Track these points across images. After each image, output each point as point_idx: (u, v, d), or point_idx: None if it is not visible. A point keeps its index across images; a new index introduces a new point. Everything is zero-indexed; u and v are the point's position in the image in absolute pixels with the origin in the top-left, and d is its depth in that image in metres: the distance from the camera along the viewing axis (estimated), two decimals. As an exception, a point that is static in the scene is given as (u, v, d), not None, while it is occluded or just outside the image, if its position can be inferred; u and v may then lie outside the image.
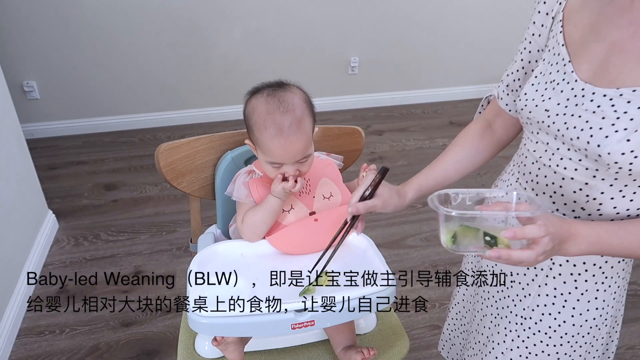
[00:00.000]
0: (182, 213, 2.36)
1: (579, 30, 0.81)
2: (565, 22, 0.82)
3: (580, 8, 0.82)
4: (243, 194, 1.03)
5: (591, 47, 0.78)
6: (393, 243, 2.20)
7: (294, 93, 0.99)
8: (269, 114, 0.95)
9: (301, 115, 0.96)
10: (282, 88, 0.99)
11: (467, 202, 0.78)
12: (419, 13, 3.24)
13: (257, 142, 0.98)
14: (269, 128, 0.94)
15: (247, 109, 1.00)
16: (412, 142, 3.05)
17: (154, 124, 3.17)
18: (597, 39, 0.78)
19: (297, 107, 0.96)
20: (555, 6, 0.85)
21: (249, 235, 1.02)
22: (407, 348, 1.11)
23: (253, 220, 1.01)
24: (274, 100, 0.96)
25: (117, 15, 2.84)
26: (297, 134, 0.95)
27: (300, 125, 0.95)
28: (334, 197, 1.07)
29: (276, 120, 0.94)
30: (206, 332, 0.95)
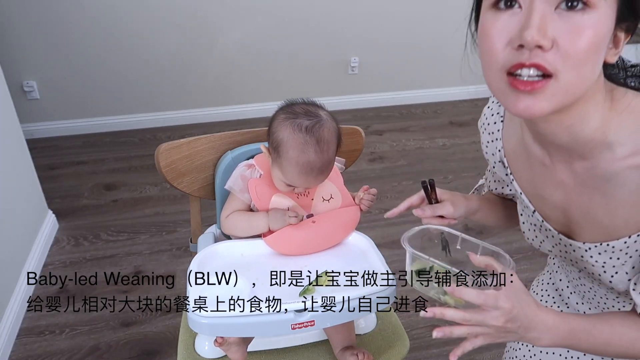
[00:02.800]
0: (182, 213, 2.36)
1: (524, 182, 0.81)
2: (512, 170, 0.83)
3: (515, 160, 0.82)
4: (238, 187, 1.03)
5: (544, 203, 0.79)
6: (393, 243, 2.20)
7: (330, 130, 0.98)
8: (303, 153, 0.95)
9: (332, 155, 0.99)
10: (319, 123, 0.97)
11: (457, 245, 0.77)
12: (419, 13, 3.24)
13: (279, 165, 0.98)
14: (301, 166, 0.95)
15: (281, 134, 0.97)
16: (412, 142, 3.05)
17: (154, 124, 3.17)
18: (543, 197, 0.78)
19: (331, 148, 0.98)
20: (497, 152, 0.85)
21: (226, 231, 1.07)
22: (407, 348, 1.11)
23: (235, 224, 1.04)
24: (312, 140, 0.95)
25: (117, 15, 2.84)
26: (324, 173, 0.99)
27: (329, 165, 0.99)
28: (334, 199, 1.06)
29: (310, 161, 0.95)
30: (206, 332, 0.95)
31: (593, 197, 0.71)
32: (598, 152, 0.67)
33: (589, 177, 0.70)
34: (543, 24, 0.55)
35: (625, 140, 0.65)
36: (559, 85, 0.58)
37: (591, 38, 0.56)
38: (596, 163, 0.68)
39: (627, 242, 0.70)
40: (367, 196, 1.08)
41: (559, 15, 0.56)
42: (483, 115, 0.88)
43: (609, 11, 0.57)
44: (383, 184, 2.57)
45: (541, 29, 0.55)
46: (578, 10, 0.55)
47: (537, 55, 0.56)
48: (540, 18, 0.55)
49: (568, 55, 0.56)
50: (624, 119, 0.65)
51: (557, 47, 0.56)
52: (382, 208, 2.42)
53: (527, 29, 0.55)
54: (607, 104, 0.65)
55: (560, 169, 0.73)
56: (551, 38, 0.56)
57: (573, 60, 0.56)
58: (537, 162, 0.76)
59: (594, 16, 0.56)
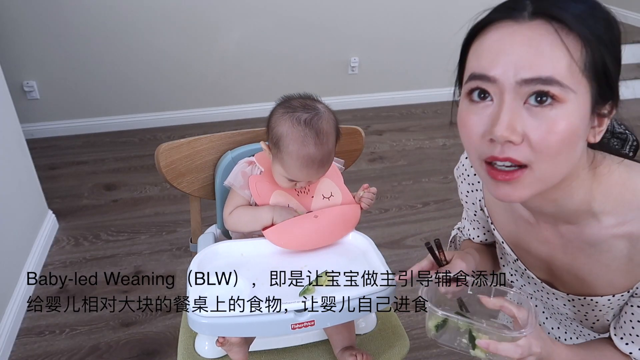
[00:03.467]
0: (182, 213, 2.36)
1: (506, 232, 0.82)
2: (493, 220, 0.83)
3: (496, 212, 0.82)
4: (239, 184, 1.04)
5: (528, 254, 0.79)
6: (393, 243, 2.20)
7: (328, 121, 0.99)
8: (304, 146, 0.95)
9: (332, 147, 0.99)
10: (317, 115, 0.98)
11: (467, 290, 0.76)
12: (419, 13, 3.24)
13: (280, 160, 0.98)
14: (302, 159, 0.96)
15: (280, 129, 0.97)
16: (412, 142, 3.05)
17: (154, 124, 3.17)
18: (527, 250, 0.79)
19: (330, 140, 0.98)
20: (477, 202, 0.86)
21: (229, 227, 1.06)
22: (407, 348, 1.10)
23: (238, 219, 1.03)
24: (311, 133, 0.95)
25: (117, 15, 2.84)
26: (325, 165, 0.99)
27: (330, 157, 0.99)
28: (334, 197, 1.07)
29: (310, 153, 0.95)
30: (206, 332, 0.95)
31: (578, 257, 0.72)
32: (584, 219, 0.68)
33: (574, 239, 0.71)
34: (512, 120, 0.56)
35: (610, 209, 0.66)
36: (535, 175, 0.59)
37: (562, 132, 0.56)
38: (582, 228, 0.69)
39: (610, 299, 0.72)
40: (367, 194, 1.08)
41: (528, 111, 0.56)
42: (461, 165, 0.88)
43: (581, 101, 0.56)
44: (383, 184, 2.57)
45: (510, 126, 0.56)
46: (546, 106, 0.55)
47: (509, 149, 0.57)
48: (509, 114, 0.56)
49: (540, 150, 0.57)
50: (607, 188, 0.66)
51: (528, 141, 0.57)
52: (382, 208, 2.42)
53: (497, 126, 0.56)
54: (589, 174, 0.66)
55: (546, 228, 0.74)
56: (521, 133, 0.56)
57: (545, 153, 0.57)
58: (520, 219, 0.77)
59: (564, 110, 0.56)
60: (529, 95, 0.56)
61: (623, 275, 0.69)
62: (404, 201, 2.47)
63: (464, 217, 0.95)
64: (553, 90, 0.55)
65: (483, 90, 0.59)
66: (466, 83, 0.61)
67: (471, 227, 0.94)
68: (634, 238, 0.66)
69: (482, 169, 0.62)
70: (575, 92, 0.56)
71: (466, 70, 0.62)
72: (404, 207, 2.44)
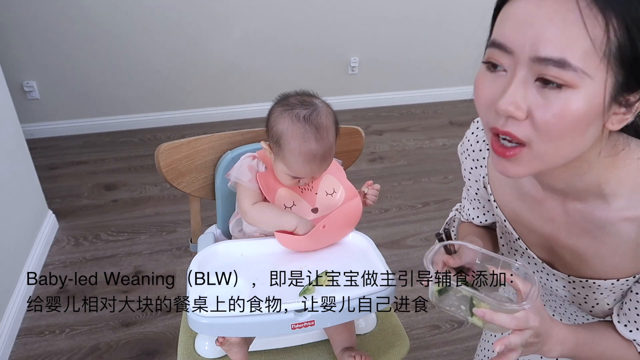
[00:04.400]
0: (182, 213, 2.36)
1: (509, 210, 0.81)
2: (496, 197, 0.82)
3: (500, 189, 0.81)
4: (246, 178, 1.02)
5: (529, 232, 0.79)
6: (393, 243, 2.20)
7: (326, 115, 0.99)
8: (305, 142, 0.95)
9: (333, 140, 0.99)
10: (316, 110, 0.98)
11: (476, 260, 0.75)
12: (419, 13, 3.24)
13: (282, 159, 0.98)
14: (304, 155, 0.96)
15: (280, 127, 0.97)
16: (412, 142, 3.05)
17: (154, 124, 3.17)
18: (529, 228, 0.78)
19: (330, 134, 0.98)
20: (480, 179, 0.85)
21: (249, 221, 1.04)
22: (407, 348, 1.10)
23: (260, 219, 1.02)
24: (311, 128, 0.96)
25: (117, 15, 2.84)
26: (327, 160, 0.99)
27: (331, 151, 0.99)
28: (337, 193, 1.07)
29: (312, 149, 0.95)
30: (206, 332, 0.95)
31: (583, 238, 0.71)
32: (593, 200, 0.67)
33: (581, 219, 0.70)
34: (519, 95, 0.55)
35: (622, 194, 0.65)
36: (533, 153, 0.58)
37: (568, 117, 0.54)
38: (590, 209, 0.68)
39: (614, 283, 0.71)
40: (371, 191, 1.09)
41: (537, 88, 0.55)
42: (467, 141, 0.87)
43: (597, 87, 0.53)
44: (383, 184, 2.55)
45: (514, 102, 0.55)
46: (553, 88, 0.54)
47: (512, 124, 0.57)
48: (517, 89, 0.55)
49: (540, 129, 0.55)
50: (624, 174, 0.64)
51: (532, 119, 0.55)
52: (382, 208, 2.42)
53: (502, 99, 0.55)
54: (608, 160, 0.64)
55: (553, 206, 0.72)
56: (526, 110, 0.55)
57: (546, 135, 0.56)
58: (526, 195, 0.76)
59: (575, 95, 0.53)
60: (540, 75, 0.54)
61: (630, 260, 0.68)
62: (404, 201, 2.48)
63: (464, 197, 0.94)
64: (565, 74, 0.52)
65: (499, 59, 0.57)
66: (487, 48, 0.59)
67: (471, 207, 0.93)
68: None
69: (488, 137, 0.62)
70: (591, 77, 0.53)
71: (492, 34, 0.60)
72: (404, 207, 2.44)
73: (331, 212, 1.04)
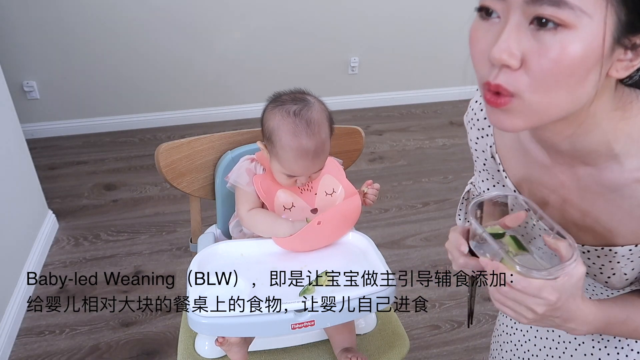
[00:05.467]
0: (182, 213, 2.36)
1: (518, 179, 0.77)
2: (505, 167, 0.79)
3: (508, 157, 0.78)
4: (244, 181, 1.03)
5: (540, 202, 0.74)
6: (393, 243, 2.20)
7: (318, 111, 0.99)
8: (295, 136, 0.95)
9: (325, 137, 0.99)
10: (307, 105, 0.98)
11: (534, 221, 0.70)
12: (419, 13, 3.24)
13: (276, 156, 0.99)
14: (295, 150, 0.96)
15: (271, 123, 0.99)
16: (412, 142, 3.05)
17: (154, 124, 3.17)
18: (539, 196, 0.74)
19: (322, 130, 0.98)
20: (487, 149, 0.81)
21: (245, 225, 1.05)
22: (407, 348, 1.10)
23: (255, 224, 1.03)
24: (301, 123, 0.96)
25: (117, 15, 2.84)
26: (320, 156, 0.98)
27: (324, 147, 0.98)
28: (336, 193, 1.07)
29: (302, 144, 0.95)
30: (206, 332, 0.95)
31: (596, 203, 0.67)
32: (603, 161, 0.63)
33: (592, 183, 0.66)
34: (512, 41, 0.51)
35: (635, 152, 0.60)
36: (525, 104, 0.54)
37: (564, 61, 0.50)
38: (601, 172, 0.64)
39: (632, 250, 0.67)
40: (371, 190, 1.09)
41: (532, 32, 0.51)
42: (471, 110, 0.83)
43: (597, 27, 0.50)
44: (383, 184, 2.55)
45: (507, 49, 0.51)
46: (549, 29, 0.50)
47: (504, 74, 0.53)
48: (510, 34, 0.51)
49: (535, 77, 0.52)
50: (635, 131, 0.60)
51: (525, 66, 0.52)
52: (382, 208, 2.42)
53: (495, 47, 0.52)
54: (617, 114, 0.60)
55: (562, 171, 0.69)
56: (520, 57, 0.52)
57: (540, 82, 0.52)
58: (534, 162, 0.72)
59: (572, 36, 0.50)
60: (535, 16, 0.50)
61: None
62: (404, 201, 2.48)
63: (475, 169, 0.90)
64: (561, 13, 0.49)
65: (490, 8, 0.54)
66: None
67: (479, 179, 0.89)
68: None
69: (483, 90, 0.58)
70: (590, 16, 0.49)
71: None
72: (404, 207, 2.44)
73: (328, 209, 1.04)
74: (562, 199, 0.72)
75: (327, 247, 1.04)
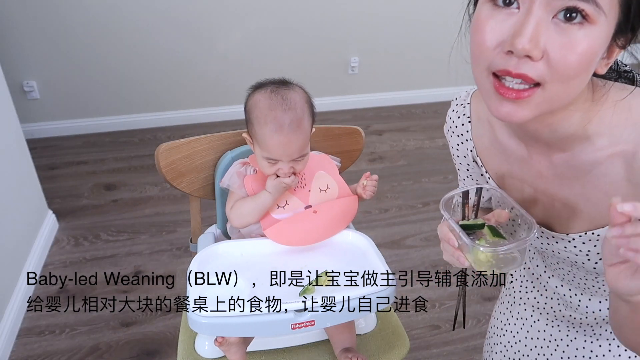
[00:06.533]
0: (182, 213, 2.36)
1: (501, 178, 0.80)
2: (487, 169, 0.82)
3: (488, 158, 0.80)
4: (235, 184, 1.04)
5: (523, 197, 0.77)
6: (393, 243, 2.20)
7: (297, 92, 1.01)
8: (271, 110, 0.97)
9: (302, 114, 0.98)
10: (285, 86, 1.01)
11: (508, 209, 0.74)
12: (419, 13, 3.24)
13: (255, 136, 0.99)
14: (270, 124, 0.96)
15: (250, 102, 1.01)
16: (412, 142, 3.05)
17: (154, 124, 3.17)
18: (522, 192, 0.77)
19: (298, 106, 0.98)
20: (469, 153, 0.84)
21: (235, 222, 1.05)
22: (407, 348, 1.10)
23: (241, 210, 1.03)
24: (277, 97, 0.98)
25: (117, 15, 2.84)
26: (296, 132, 0.97)
27: (301, 124, 0.97)
28: (330, 190, 1.08)
29: (277, 117, 0.96)
30: (206, 332, 0.95)
31: (573, 188, 0.70)
32: (578, 145, 0.66)
33: (567, 168, 0.69)
34: (537, 33, 0.53)
35: (605, 132, 0.64)
36: (545, 95, 0.56)
37: (583, 55, 0.54)
38: (576, 155, 0.67)
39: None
40: (370, 182, 1.09)
41: (555, 26, 0.53)
42: (448, 119, 0.86)
43: (606, 27, 0.54)
44: (383, 184, 2.57)
45: (533, 39, 0.53)
46: (575, 24, 0.53)
47: (526, 64, 0.54)
48: (535, 26, 0.53)
49: (557, 69, 0.54)
50: (604, 113, 0.64)
51: (547, 58, 0.54)
52: (382, 208, 2.42)
53: (520, 37, 0.53)
54: (588, 99, 0.64)
55: (538, 161, 0.72)
56: (542, 49, 0.54)
57: (562, 74, 0.55)
58: (513, 157, 0.75)
59: (591, 32, 0.53)
60: (560, 10, 0.52)
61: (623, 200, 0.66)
62: (404, 201, 2.48)
63: (459, 178, 0.93)
64: (587, 8, 0.52)
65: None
66: None
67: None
68: (629, 156, 0.62)
69: (487, 81, 0.58)
70: (606, 15, 0.53)
71: None
72: (404, 207, 2.44)
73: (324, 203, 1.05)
74: (542, 190, 0.74)
75: (327, 247, 1.04)
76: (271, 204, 1.02)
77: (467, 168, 0.87)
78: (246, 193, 1.04)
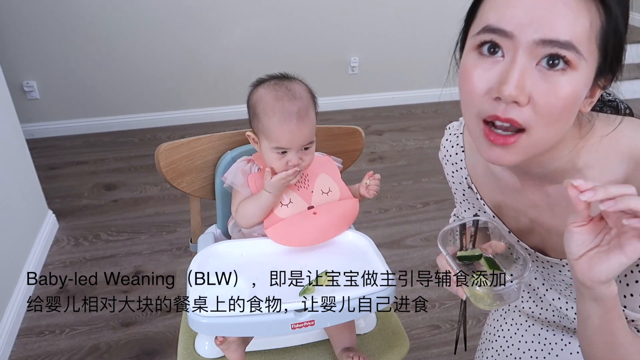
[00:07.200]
0: (182, 213, 2.36)
1: (495, 205, 0.81)
2: (482, 195, 0.83)
3: (482, 186, 0.82)
4: (239, 182, 1.04)
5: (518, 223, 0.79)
6: (393, 243, 2.20)
7: (299, 84, 1.03)
8: (277, 101, 0.98)
9: (308, 103, 1.00)
10: (287, 79, 1.03)
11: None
12: (419, 13, 3.24)
13: (263, 130, 0.99)
14: (278, 114, 0.97)
15: (253, 97, 1.02)
16: (412, 142, 3.05)
17: (154, 124, 3.17)
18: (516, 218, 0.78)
19: (304, 96, 1.00)
20: (463, 180, 0.85)
21: (241, 223, 1.06)
22: (407, 348, 1.10)
23: (245, 212, 1.03)
24: (281, 89, 1.00)
25: (117, 15, 2.84)
26: (304, 120, 0.98)
27: (307, 112, 0.99)
28: (332, 192, 1.08)
29: (285, 106, 0.97)
30: (206, 332, 0.95)
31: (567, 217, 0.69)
32: (569, 177, 0.66)
33: (561, 198, 0.70)
34: (522, 80, 0.55)
35: (595, 164, 0.65)
36: (531, 139, 0.58)
37: (567, 99, 0.55)
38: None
39: None
40: (373, 182, 1.09)
41: (539, 72, 0.55)
42: (443, 148, 0.88)
43: (587, 71, 0.56)
44: (383, 184, 2.55)
45: (519, 86, 0.55)
46: (558, 70, 0.54)
47: (513, 109, 0.56)
48: (520, 74, 0.55)
49: (542, 114, 0.56)
50: (592, 146, 0.65)
51: (533, 103, 0.56)
52: (382, 208, 2.42)
53: (506, 84, 0.55)
54: (576, 134, 0.65)
55: (532, 192, 0.73)
56: (528, 94, 0.55)
57: (547, 118, 0.56)
58: (506, 187, 0.76)
59: (573, 77, 0.55)
60: (543, 57, 0.54)
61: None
62: (404, 201, 2.48)
63: (456, 201, 0.95)
64: (569, 55, 0.53)
65: (495, 44, 0.57)
66: (477, 35, 0.58)
67: (462, 210, 0.93)
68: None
69: (478, 127, 0.60)
70: (586, 60, 0.55)
71: (478, 21, 0.59)
72: (404, 207, 2.44)
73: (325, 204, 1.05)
74: (536, 218, 0.75)
75: (327, 247, 1.03)
76: (273, 202, 1.02)
77: (463, 193, 0.89)
78: (250, 191, 1.04)
